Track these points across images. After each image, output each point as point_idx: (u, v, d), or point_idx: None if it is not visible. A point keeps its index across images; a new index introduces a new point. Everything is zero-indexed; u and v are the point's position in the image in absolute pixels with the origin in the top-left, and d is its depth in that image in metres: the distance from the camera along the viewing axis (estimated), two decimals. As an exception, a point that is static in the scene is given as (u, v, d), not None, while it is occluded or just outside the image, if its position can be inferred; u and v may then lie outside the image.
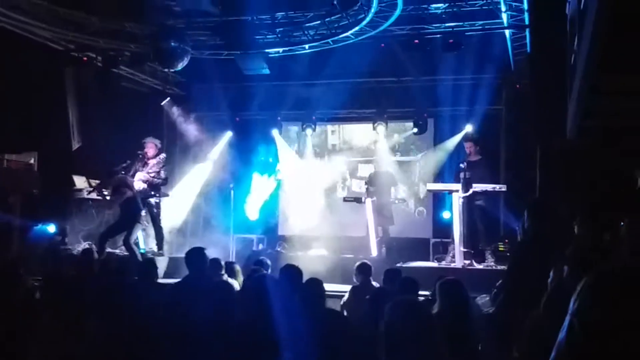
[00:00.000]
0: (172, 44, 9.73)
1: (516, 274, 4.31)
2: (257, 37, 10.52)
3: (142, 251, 9.88)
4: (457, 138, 12.09)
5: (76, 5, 10.17)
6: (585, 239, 4.45)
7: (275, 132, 13.47)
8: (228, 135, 13.39)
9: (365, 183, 11.18)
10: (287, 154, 13.87)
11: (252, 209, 12.75)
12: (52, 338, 4.38)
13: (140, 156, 9.72)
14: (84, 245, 9.88)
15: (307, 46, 10.77)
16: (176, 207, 12.11)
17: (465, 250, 9.47)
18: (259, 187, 13.04)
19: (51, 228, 9.90)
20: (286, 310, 3.42)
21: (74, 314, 4.53)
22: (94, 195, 10.81)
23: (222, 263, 6.49)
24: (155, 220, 10.30)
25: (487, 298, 5.05)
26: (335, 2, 9.38)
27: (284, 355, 3.06)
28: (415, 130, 12.27)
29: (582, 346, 1.59)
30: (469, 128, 11.70)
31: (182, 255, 5.96)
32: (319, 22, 10.33)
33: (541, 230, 4.14)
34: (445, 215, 10.91)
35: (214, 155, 13.18)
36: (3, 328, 4.47)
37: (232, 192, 10.95)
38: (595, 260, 2.27)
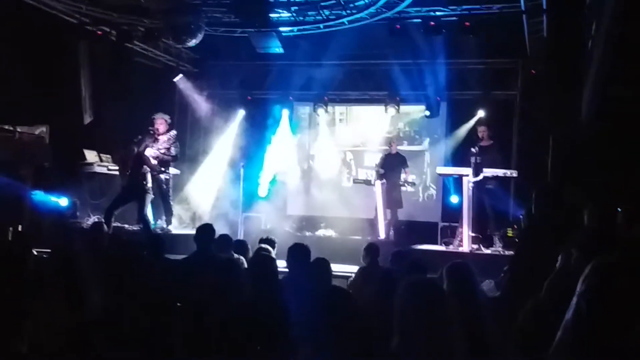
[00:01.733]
0: (187, 20, 9.70)
1: (522, 258, 4.30)
2: (272, 15, 10.46)
3: (152, 226, 9.97)
4: (470, 124, 11.98)
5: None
6: (594, 226, 4.42)
7: (284, 112, 13.41)
8: (241, 114, 13.35)
9: (376, 165, 11.15)
10: (296, 135, 13.85)
11: (263, 186, 12.76)
12: (58, 310, 4.42)
13: (151, 132, 9.73)
14: (94, 218, 9.94)
15: (321, 26, 10.70)
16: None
17: (473, 234, 9.45)
18: (271, 164, 13.03)
19: (63, 201, 9.95)
20: (293, 290, 3.44)
21: (81, 287, 4.57)
22: (104, 170, 10.87)
23: (231, 239, 6.50)
24: (165, 197, 10.34)
25: (492, 284, 5.04)
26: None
27: (289, 332, 3.08)
28: (428, 113, 12.19)
29: (588, 326, 1.61)
30: (481, 113, 11.61)
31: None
32: (334, 1, 10.26)
33: (547, 216, 4.12)
34: (453, 199, 10.87)
35: (231, 133, 13.12)
36: (12, 299, 4.52)
37: (242, 170, 10.95)
38: (603, 245, 2.27)
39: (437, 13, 10.19)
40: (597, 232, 2.98)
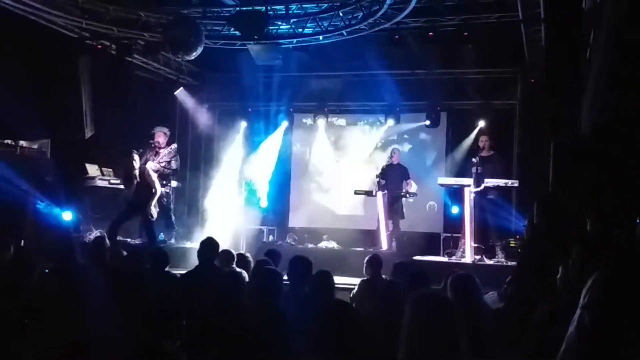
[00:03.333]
0: (186, 33, 9.74)
1: (525, 270, 4.29)
2: (271, 27, 10.51)
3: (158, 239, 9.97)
4: (472, 136, 11.94)
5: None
6: (595, 236, 4.42)
7: (283, 124, 13.39)
8: (243, 125, 13.30)
9: (377, 176, 11.15)
10: (298, 145, 13.86)
11: (263, 198, 12.72)
12: (61, 325, 4.41)
13: (153, 145, 9.75)
14: (96, 233, 9.93)
15: (320, 37, 10.74)
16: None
17: (475, 245, 9.44)
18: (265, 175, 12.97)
19: (67, 215, 9.92)
20: (295, 303, 3.43)
21: (83, 302, 4.56)
22: (106, 183, 10.88)
23: (234, 254, 6.50)
24: (166, 211, 10.34)
25: (495, 295, 5.02)
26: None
27: (291, 345, 3.07)
28: (428, 122, 12.21)
29: (592, 339, 1.60)
30: (482, 123, 11.61)
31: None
32: (333, 13, 10.30)
33: (550, 226, 4.12)
34: (454, 210, 10.85)
35: (233, 145, 13.04)
36: (15, 313, 4.50)
37: (243, 182, 10.95)
38: (605, 256, 2.27)
39: (436, 24, 10.23)
40: (599, 241, 2.97)
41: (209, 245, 5.90)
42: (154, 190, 9.57)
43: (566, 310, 1.99)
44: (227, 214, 11.37)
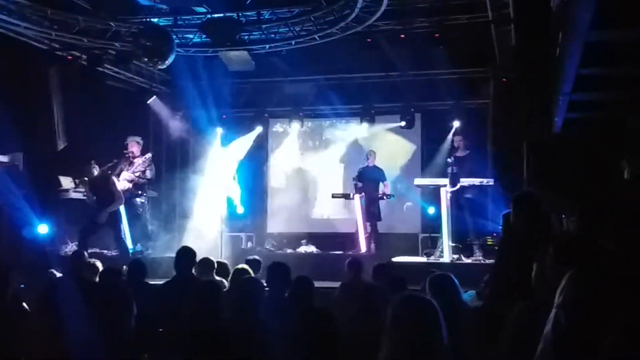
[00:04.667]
0: (158, 42, 9.66)
1: (502, 267, 4.33)
2: (243, 33, 10.49)
3: (131, 250, 9.86)
4: (449, 137, 11.94)
5: (60, 4, 10.09)
6: (570, 233, 4.47)
7: (257, 129, 13.32)
8: (219, 132, 13.18)
9: (354, 179, 11.17)
10: (274, 151, 13.84)
11: (239, 204, 12.62)
12: (39, 341, 4.36)
13: (127, 155, 9.67)
14: (72, 246, 9.83)
15: (293, 42, 10.75)
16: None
17: (453, 244, 9.50)
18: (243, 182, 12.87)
19: (43, 228, 9.77)
20: (274, 311, 3.42)
21: (62, 316, 4.51)
22: (80, 195, 10.75)
23: (214, 262, 6.45)
24: (142, 220, 10.26)
25: (473, 294, 5.06)
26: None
27: (271, 355, 3.06)
28: (403, 124, 12.27)
29: (567, 337, 1.62)
30: (457, 123, 11.68)
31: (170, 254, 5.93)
32: (304, 17, 10.32)
33: (526, 224, 4.15)
34: (430, 210, 10.91)
35: (210, 153, 12.90)
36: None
37: (221, 189, 10.89)
38: (579, 254, 2.30)
39: (407, 26, 10.29)
40: (573, 239, 3.00)
41: (185, 254, 5.83)
42: (115, 198, 9.43)
43: (542, 308, 2.01)
44: (205, 221, 11.30)
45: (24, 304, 4.84)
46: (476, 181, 9.58)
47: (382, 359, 2.59)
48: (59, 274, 6.69)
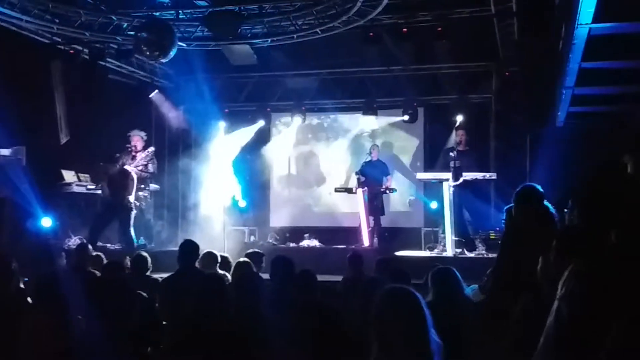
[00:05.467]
0: (160, 36, 9.65)
1: (505, 261, 4.33)
2: (245, 27, 10.46)
3: (137, 243, 9.88)
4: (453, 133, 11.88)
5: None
6: (573, 227, 4.47)
7: (259, 123, 13.31)
8: (222, 125, 13.13)
9: (357, 173, 11.16)
10: (277, 145, 13.81)
11: (241, 198, 12.61)
12: (43, 335, 4.36)
13: (129, 149, 9.68)
14: (75, 239, 9.85)
15: (295, 36, 10.73)
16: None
17: (456, 238, 9.50)
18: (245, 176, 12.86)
19: (47, 222, 9.78)
20: (277, 304, 3.42)
21: (65, 310, 4.51)
22: (83, 189, 10.77)
23: (218, 256, 6.46)
24: (144, 214, 10.28)
25: (476, 288, 5.06)
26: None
27: (273, 348, 3.07)
28: (406, 118, 12.26)
29: (569, 330, 1.62)
30: (460, 118, 11.64)
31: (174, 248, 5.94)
32: (306, 11, 10.29)
33: (528, 218, 4.16)
34: (433, 205, 10.90)
35: (213, 147, 12.87)
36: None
37: (224, 184, 10.89)
38: (581, 248, 2.29)
39: (409, 19, 10.26)
40: (575, 232, 3.00)
41: (188, 248, 5.85)
42: (129, 190, 9.48)
43: (547, 301, 2.02)
44: (208, 215, 11.31)
45: (28, 297, 4.86)
46: (479, 175, 9.59)
47: (374, 355, 2.55)
48: (62, 267, 6.70)
